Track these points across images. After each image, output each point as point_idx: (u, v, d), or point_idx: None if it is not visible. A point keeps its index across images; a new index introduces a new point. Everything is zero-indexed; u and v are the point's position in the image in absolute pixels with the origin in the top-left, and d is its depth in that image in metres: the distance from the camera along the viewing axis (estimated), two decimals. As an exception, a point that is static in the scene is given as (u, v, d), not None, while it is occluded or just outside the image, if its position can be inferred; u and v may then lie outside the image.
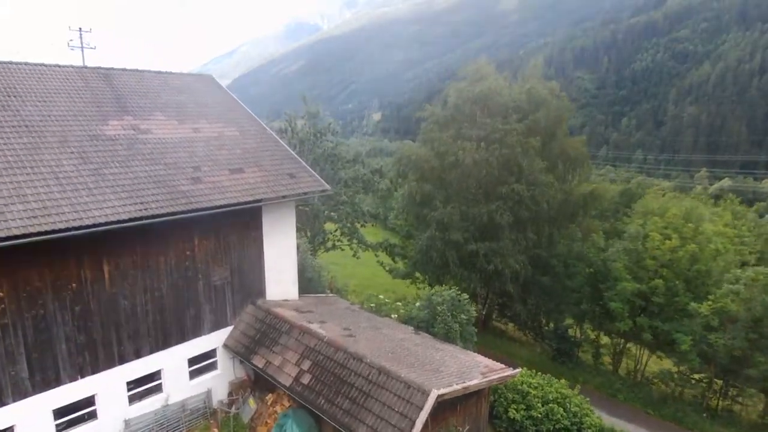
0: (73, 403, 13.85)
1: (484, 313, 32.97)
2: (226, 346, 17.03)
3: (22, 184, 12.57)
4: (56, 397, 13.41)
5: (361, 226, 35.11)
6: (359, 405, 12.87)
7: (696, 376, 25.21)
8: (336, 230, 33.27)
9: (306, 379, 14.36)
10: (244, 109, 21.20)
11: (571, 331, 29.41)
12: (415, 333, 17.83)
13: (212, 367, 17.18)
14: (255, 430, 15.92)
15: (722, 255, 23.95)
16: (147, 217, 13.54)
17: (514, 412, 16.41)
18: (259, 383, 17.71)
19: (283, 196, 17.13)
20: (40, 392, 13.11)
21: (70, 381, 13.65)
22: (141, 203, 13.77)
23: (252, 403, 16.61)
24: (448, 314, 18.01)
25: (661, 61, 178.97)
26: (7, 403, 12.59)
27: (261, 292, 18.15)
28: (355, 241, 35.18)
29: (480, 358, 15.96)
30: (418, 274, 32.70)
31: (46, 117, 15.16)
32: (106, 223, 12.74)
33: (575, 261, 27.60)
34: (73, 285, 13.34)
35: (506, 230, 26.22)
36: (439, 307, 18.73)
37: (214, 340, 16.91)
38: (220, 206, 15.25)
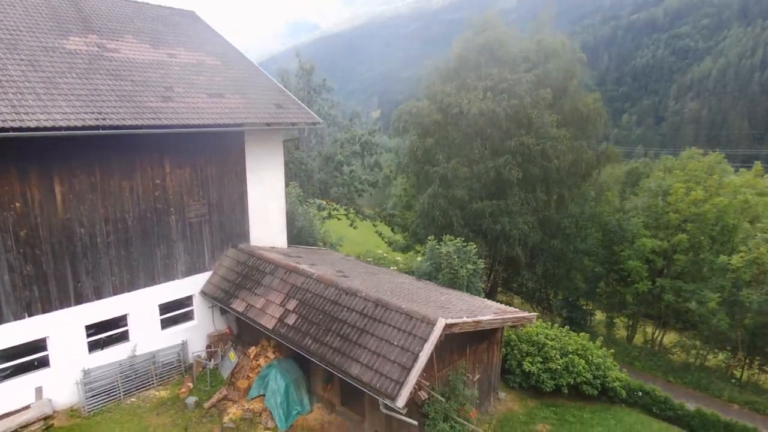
0: (19, 345, 11.88)
1: (489, 285, 31.03)
2: (203, 292, 15.08)
3: (-48, 82, 10.61)
4: (-2, 337, 11.46)
5: (359, 195, 33.17)
6: (352, 342, 10.92)
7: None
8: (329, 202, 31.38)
9: (291, 320, 12.40)
10: (228, 43, 19.23)
11: (582, 300, 27.47)
12: (417, 280, 15.89)
13: (188, 317, 15.23)
14: (235, 385, 13.97)
15: (752, 207, 21.86)
16: (105, 127, 11.56)
17: (530, 365, 14.48)
18: (241, 337, 15.78)
19: (268, 124, 15.15)
20: (-22, 329, 11.16)
21: (15, 319, 11.68)
22: (99, 113, 11.80)
23: (233, 357, 14.66)
24: (455, 257, 16.03)
25: (661, 57, 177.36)
26: (-65, 339, 10.64)
27: (244, 235, 16.18)
28: (352, 210, 33.27)
29: (490, 302, 14.05)
30: (418, 247, 30.77)
31: (-7, 23, 13.20)
32: (53, 128, 10.76)
33: (588, 222, 25.62)
34: (17, 204, 11.36)
35: (515, 188, 24.26)
36: (443, 256, 16.76)
37: (190, 286, 14.95)
38: (194, 125, 13.30)
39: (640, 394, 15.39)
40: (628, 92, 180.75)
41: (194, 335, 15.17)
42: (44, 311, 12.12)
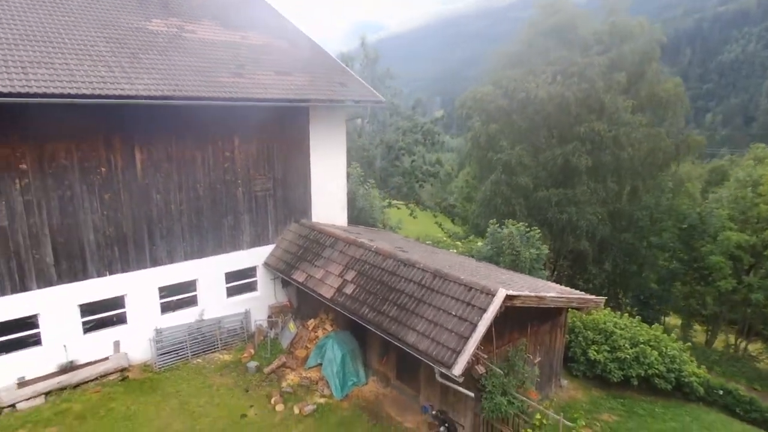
0: (101, 301, 12.83)
1: (552, 280, 29.77)
2: (266, 264, 15.56)
3: (51, 54, 11.62)
4: (83, 292, 12.42)
5: (419, 185, 32.96)
6: (409, 312, 10.82)
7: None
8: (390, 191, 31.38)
9: (349, 290, 12.50)
10: (296, 27, 19.76)
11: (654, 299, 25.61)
12: (477, 261, 15.52)
13: (251, 287, 15.78)
14: (294, 354, 14.31)
15: None
16: (179, 98, 12.22)
17: (595, 353, 13.70)
18: (301, 310, 16.14)
19: (332, 100, 15.39)
20: (66, 283, 12.15)
21: (98, 276, 12.63)
22: (175, 85, 12.49)
23: (292, 328, 15.02)
24: (517, 238, 15.48)
25: (753, 52, 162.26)
26: (31, 289, 11.69)
27: (306, 211, 16.54)
28: (412, 201, 33.15)
29: (553, 284, 13.44)
30: (479, 241, 30.07)
31: (86, 6, 14.34)
32: (135, 97, 11.51)
33: (664, 215, 23.89)
34: (102, 169, 12.27)
35: (583, 176, 23.12)
36: (505, 238, 16.26)
37: (254, 257, 15.49)
38: (262, 99, 13.74)
39: (721, 392, 14.10)
40: (713, 90, 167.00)
41: (256, 305, 15.69)
42: (123, 271, 13.01)
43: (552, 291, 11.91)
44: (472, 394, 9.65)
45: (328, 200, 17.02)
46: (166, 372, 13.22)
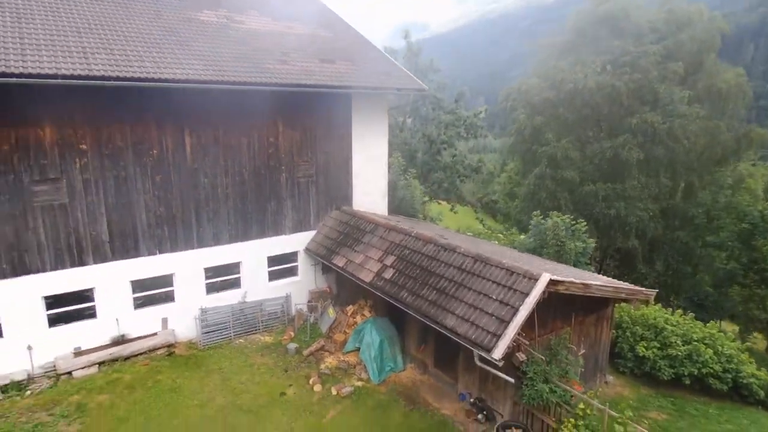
0: (151, 279, 13.38)
1: (598, 280, 28.69)
2: (307, 249, 15.79)
3: (110, 41, 12.23)
4: (135, 268, 13.00)
5: (461, 180, 32.53)
6: (448, 296, 10.68)
7: None
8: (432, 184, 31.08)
9: (388, 274, 12.48)
10: (341, 19, 19.97)
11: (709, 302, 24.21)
12: (519, 252, 15.15)
13: (292, 272, 16.04)
14: (332, 338, 14.44)
15: None
16: (227, 83, 12.57)
17: (644, 349, 13.08)
18: (340, 297, 16.26)
19: (375, 87, 15.43)
20: (120, 259, 12.74)
21: (149, 254, 13.17)
22: (221, 71, 12.85)
23: (331, 313, 15.16)
24: (562, 228, 15.01)
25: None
26: (88, 264, 12.33)
27: (347, 199, 16.66)
28: (453, 197, 32.79)
29: (601, 276, 12.91)
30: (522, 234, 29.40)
31: (142, -1, 15.01)
32: (185, 80, 11.92)
33: (722, 212, 22.56)
34: (154, 152, 12.79)
35: (633, 170, 22.16)
36: (549, 229, 15.80)
37: (295, 242, 15.75)
38: (305, 85, 13.93)
39: (784, 398, 13.16)
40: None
41: (297, 290, 15.94)
42: (172, 250, 13.51)
43: (598, 281, 11.46)
44: (512, 380, 9.42)
45: (369, 188, 17.08)
46: (210, 350, 13.63)
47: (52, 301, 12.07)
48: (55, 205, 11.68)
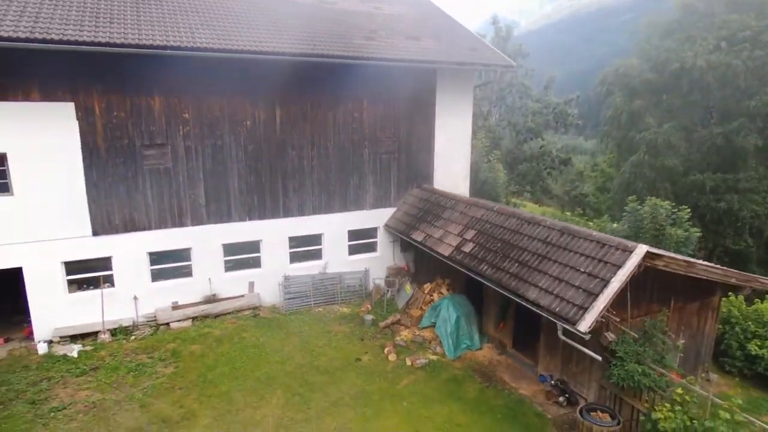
0: (241, 243, 14.18)
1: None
2: (387, 226, 15.90)
3: (213, 22, 13.10)
4: (227, 233, 13.86)
5: (548, 173, 31.09)
6: (531, 268, 10.20)
7: None
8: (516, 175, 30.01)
9: (468, 248, 12.19)
10: (429, 0, 19.93)
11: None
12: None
13: (372, 248, 16.24)
14: (408, 313, 14.41)
15: None
16: (316, 55, 12.99)
17: (757, 347, 11.60)
18: (418, 275, 16.19)
19: (461, 63, 15.16)
20: (214, 223, 13.65)
21: (239, 220, 13.98)
22: (313, 45, 13.31)
23: (408, 289, 15.14)
24: (662, 213, 13.75)
25: None
26: (186, 225, 13.34)
27: (428, 177, 16.55)
28: (538, 187, 31.46)
29: (707, 263, 11.60)
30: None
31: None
32: (279, 53, 12.49)
33: None
34: (248, 123, 13.55)
35: (749, 159, 19.78)
36: (646, 214, 14.57)
37: (375, 218, 15.92)
38: (390, 59, 14.02)
39: None
40: None
41: (375, 266, 16.10)
42: (260, 218, 14.24)
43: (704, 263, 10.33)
44: (598, 357, 8.77)
45: (451, 168, 16.83)
46: (291, 315, 14.18)
47: (155, 258, 13.21)
48: (160, 169, 12.77)
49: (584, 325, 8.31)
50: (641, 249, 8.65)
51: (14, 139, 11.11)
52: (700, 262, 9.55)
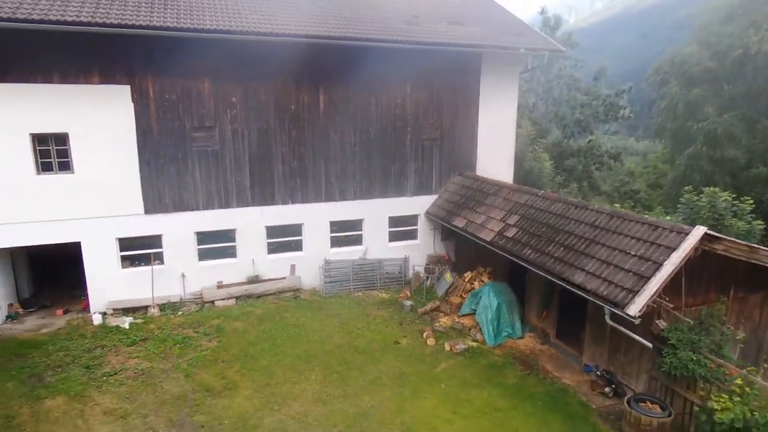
0: (283, 226, 14.43)
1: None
2: (428, 213, 15.77)
3: (260, 6, 13.38)
4: (270, 215, 14.14)
5: (596, 167, 29.90)
6: (577, 252, 9.83)
7: None
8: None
9: (511, 233, 11.90)
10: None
11: None
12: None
13: (412, 235, 16.16)
14: (448, 301, 14.24)
15: None
16: (360, 39, 13.04)
17: (829, 347, 10.67)
18: (458, 265, 15.96)
19: (506, 47, 14.83)
20: (258, 205, 13.96)
21: (282, 203, 14.23)
22: (356, 30, 13.37)
23: (449, 278, 14.96)
24: (721, 203, 12.95)
25: None
26: (232, 206, 13.71)
27: (470, 165, 16.29)
28: (586, 183, 30.30)
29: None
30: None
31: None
32: (324, 37, 12.63)
33: None
34: (292, 107, 13.77)
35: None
36: (703, 205, 13.77)
37: (416, 205, 15.83)
38: (432, 43, 13.89)
39: None
40: None
41: (415, 253, 16.00)
42: (302, 202, 14.45)
43: (769, 252, 9.63)
44: (649, 344, 8.34)
45: (494, 156, 16.51)
46: (331, 298, 14.31)
47: (202, 237, 13.64)
48: (208, 151, 13.18)
49: (634, 308, 7.93)
50: (699, 230, 8.17)
51: (76, 120, 11.75)
52: (765, 248, 8.90)
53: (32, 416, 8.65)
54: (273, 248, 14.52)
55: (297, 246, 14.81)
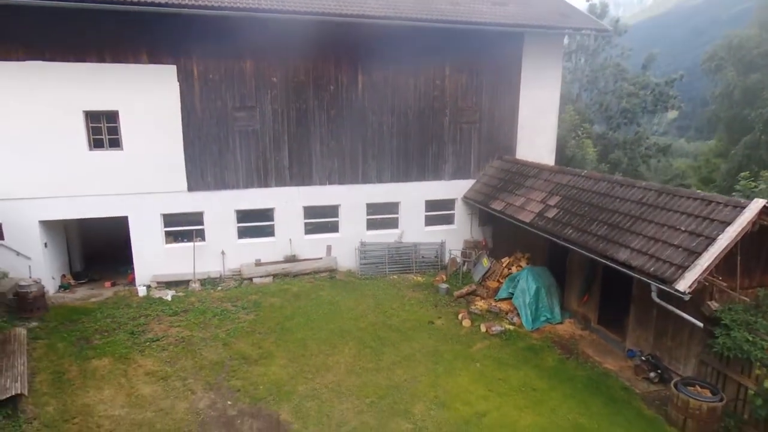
0: (320, 207, 14.55)
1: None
2: (465, 198, 15.53)
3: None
4: (308, 195, 14.27)
5: (643, 161, 28.66)
6: (622, 230, 9.43)
7: None
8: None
9: (551, 213, 11.55)
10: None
11: None
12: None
13: (448, 220, 15.95)
14: (485, 285, 13.97)
15: None
16: (400, 18, 12.96)
17: None
18: (495, 251, 15.65)
19: (549, 27, 14.41)
20: (296, 185, 14.13)
21: (320, 184, 14.34)
22: (398, 10, 13.28)
23: (486, 263, 14.67)
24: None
25: None
26: (271, 186, 13.93)
27: (510, 149, 15.93)
28: (631, 177, 29.11)
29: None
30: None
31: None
32: (363, 15, 12.62)
33: None
34: (331, 87, 13.85)
35: None
36: (764, 193, 12.93)
37: (453, 189, 15.61)
38: (474, 23, 13.66)
39: None
40: None
41: (452, 238, 15.78)
42: (339, 183, 14.51)
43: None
44: (700, 324, 7.89)
45: (535, 140, 16.07)
46: (366, 280, 14.32)
47: (241, 216, 13.93)
48: (249, 131, 13.44)
49: (684, 284, 7.52)
50: (757, 203, 7.66)
51: (125, 98, 12.23)
52: (832, 226, 8.24)
53: (80, 373, 9.05)
54: (310, 229, 14.66)
55: (333, 227, 14.89)
